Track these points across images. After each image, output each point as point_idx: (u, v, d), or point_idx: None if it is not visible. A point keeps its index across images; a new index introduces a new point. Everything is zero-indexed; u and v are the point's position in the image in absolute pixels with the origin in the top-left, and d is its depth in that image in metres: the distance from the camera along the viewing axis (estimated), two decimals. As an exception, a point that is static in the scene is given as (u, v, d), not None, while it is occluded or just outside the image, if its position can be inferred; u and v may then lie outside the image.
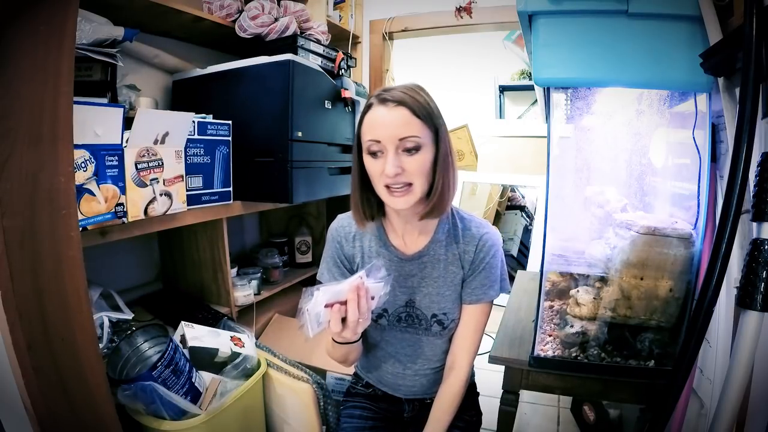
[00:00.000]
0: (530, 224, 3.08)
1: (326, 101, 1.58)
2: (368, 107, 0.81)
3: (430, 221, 0.89)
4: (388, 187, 0.80)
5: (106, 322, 1.11)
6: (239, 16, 1.51)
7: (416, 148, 0.78)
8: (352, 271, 0.96)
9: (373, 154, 0.80)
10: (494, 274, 0.90)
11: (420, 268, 0.90)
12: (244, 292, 1.55)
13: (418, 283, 0.91)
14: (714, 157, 0.96)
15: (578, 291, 1.08)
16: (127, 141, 1.00)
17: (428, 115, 0.79)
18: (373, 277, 0.76)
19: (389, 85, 0.83)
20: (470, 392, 1.02)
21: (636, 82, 0.97)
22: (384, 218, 0.93)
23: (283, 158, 1.39)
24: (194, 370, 1.06)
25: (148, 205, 1.06)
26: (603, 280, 1.06)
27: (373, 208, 0.89)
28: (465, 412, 0.98)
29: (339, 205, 2.03)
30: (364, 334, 1.02)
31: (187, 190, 1.19)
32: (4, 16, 0.65)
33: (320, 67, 1.58)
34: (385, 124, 0.77)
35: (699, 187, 0.97)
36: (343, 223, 0.97)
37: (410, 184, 0.79)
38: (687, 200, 1.02)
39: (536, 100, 3.17)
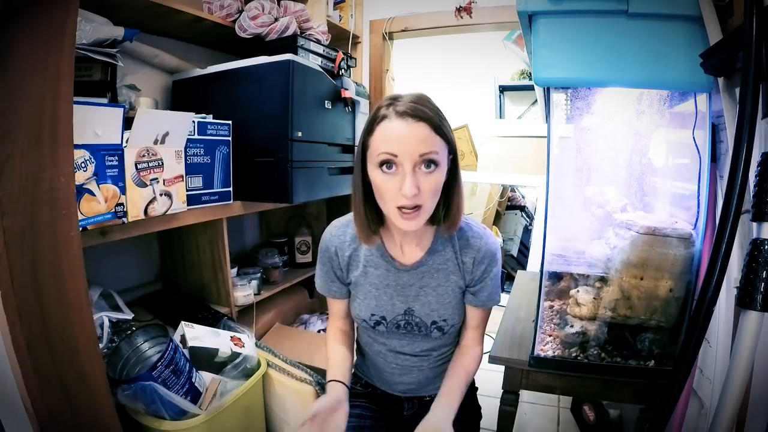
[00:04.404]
0: (530, 224, 3.08)
1: (326, 101, 1.58)
2: (382, 118, 0.76)
3: (428, 230, 0.89)
4: (399, 208, 0.77)
5: (106, 322, 1.11)
6: (239, 16, 1.51)
7: (435, 163, 0.75)
8: (344, 280, 0.94)
9: (388, 166, 0.76)
10: (496, 282, 0.92)
11: (418, 278, 0.90)
12: (244, 292, 1.55)
13: (417, 292, 0.90)
14: (714, 157, 0.96)
15: (578, 291, 1.08)
16: (127, 141, 1.00)
17: (445, 131, 0.77)
18: None
19: (397, 95, 0.79)
20: (469, 388, 1.02)
21: (636, 82, 0.97)
22: (383, 228, 0.90)
23: (283, 158, 1.39)
24: (194, 370, 1.06)
25: (148, 205, 1.06)
26: (603, 280, 1.06)
27: (377, 221, 0.86)
28: (464, 407, 0.98)
29: (339, 205, 2.03)
30: (362, 338, 1.01)
31: (187, 190, 1.19)
32: (4, 16, 0.65)
33: (320, 67, 1.58)
34: (404, 139, 0.73)
35: (699, 187, 0.97)
36: (338, 232, 0.93)
37: (420, 206, 0.77)
38: (687, 200, 1.02)
39: (536, 100, 3.17)
